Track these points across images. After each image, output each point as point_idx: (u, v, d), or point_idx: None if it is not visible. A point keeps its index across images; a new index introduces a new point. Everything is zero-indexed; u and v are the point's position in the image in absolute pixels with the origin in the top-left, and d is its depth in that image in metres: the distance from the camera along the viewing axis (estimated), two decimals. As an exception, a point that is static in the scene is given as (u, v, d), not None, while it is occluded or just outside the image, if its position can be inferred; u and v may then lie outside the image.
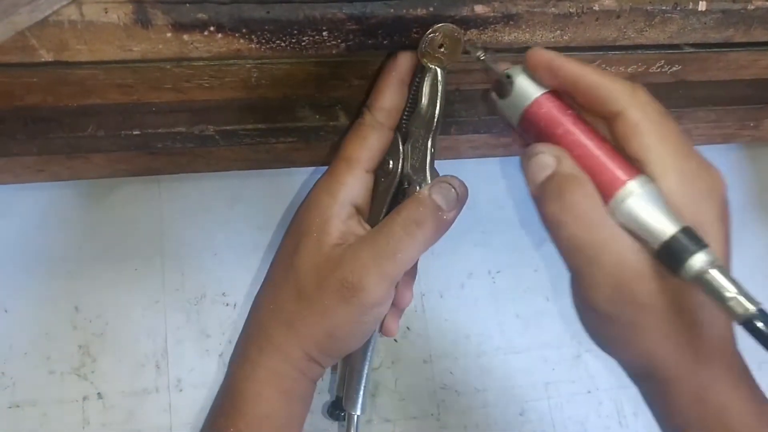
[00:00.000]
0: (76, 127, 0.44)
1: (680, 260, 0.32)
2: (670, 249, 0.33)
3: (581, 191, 0.34)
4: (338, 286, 0.41)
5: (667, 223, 0.33)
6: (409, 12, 0.37)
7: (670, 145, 0.34)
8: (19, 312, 0.54)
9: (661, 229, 0.33)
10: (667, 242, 0.33)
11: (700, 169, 0.35)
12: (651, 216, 0.33)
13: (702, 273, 0.32)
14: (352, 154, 0.43)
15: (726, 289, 0.31)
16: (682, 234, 0.32)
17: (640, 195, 0.33)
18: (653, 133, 0.34)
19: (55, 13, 0.33)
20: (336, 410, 0.54)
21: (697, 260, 0.32)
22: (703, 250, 0.32)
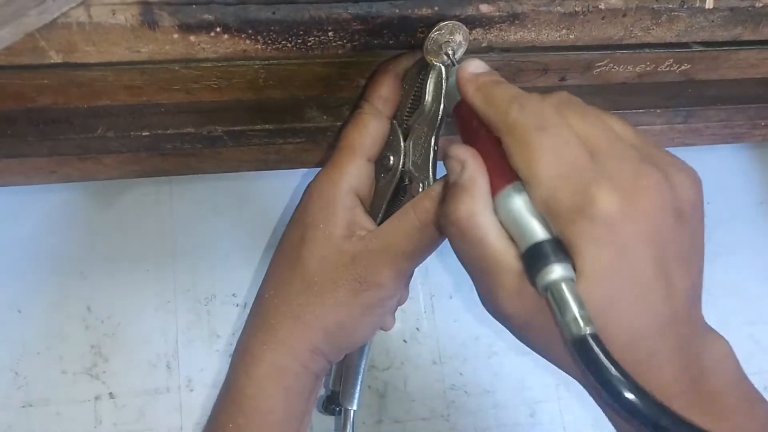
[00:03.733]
0: (86, 129, 0.44)
1: (537, 269, 0.31)
2: (532, 256, 0.32)
3: (466, 202, 0.34)
4: (352, 280, 0.42)
5: (536, 231, 0.32)
6: (414, 12, 0.37)
7: (536, 163, 0.32)
8: (32, 312, 0.55)
9: (527, 235, 0.32)
10: (530, 249, 0.32)
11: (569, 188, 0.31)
12: (523, 221, 0.32)
13: (550, 285, 0.31)
14: (352, 142, 0.44)
15: (569, 306, 0.30)
16: (547, 244, 0.31)
17: (518, 199, 0.33)
18: (520, 154, 0.32)
19: (64, 14, 0.34)
20: (331, 405, 0.54)
21: (552, 272, 0.30)
22: (561, 264, 0.30)
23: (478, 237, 0.33)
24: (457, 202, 0.34)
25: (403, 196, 0.44)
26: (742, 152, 0.71)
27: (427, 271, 0.61)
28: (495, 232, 0.33)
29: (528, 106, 0.33)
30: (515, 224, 0.33)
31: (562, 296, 0.30)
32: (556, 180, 0.31)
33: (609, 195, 0.30)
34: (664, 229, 0.31)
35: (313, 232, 0.43)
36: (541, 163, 0.31)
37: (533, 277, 0.31)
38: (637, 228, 0.30)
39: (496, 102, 0.34)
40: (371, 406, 0.57)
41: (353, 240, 0.42)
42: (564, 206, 0.30)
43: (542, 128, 0.32)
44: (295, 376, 0.44)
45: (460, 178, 0.34)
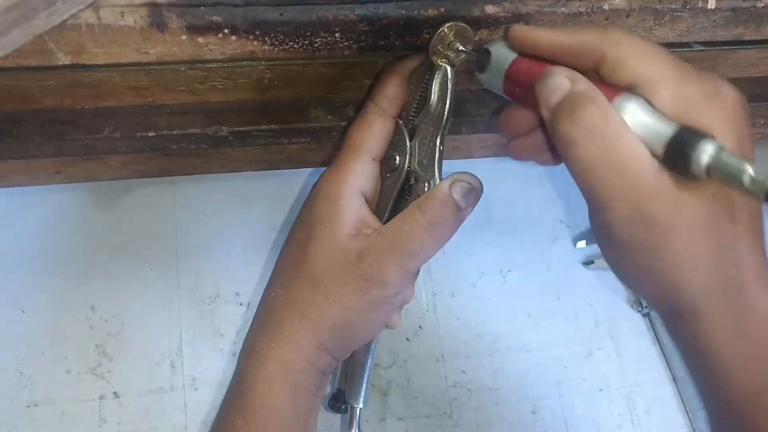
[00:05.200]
0: (92, 129, 0.44)
1: (687, 157, 0.31)
2: (674, 150, 0.32)
3: (595, 108, 0.34)
4: (357, 278, 0.42)
5: (662, 127, 0.33)
6: (420, 13, 0.38)
7: (656, 64, 0.34)
8: (36, 312, 0.55)
9: (658, 135, 0.33)
10: (669, 145, 0.32)
11: (695, 78, 0.34)
12: (644, 126, 0.33)
13: (711, 162, 0.31)
14: (357, 142, 0.44)
15: (740, 169, 0.30)
16: (679, 132, 0.32)
17: (629, 109, 0.33)
18: (636, 59, 0.34)
19: (73, 16, 0.34)
20: (337, 403, 0.54)
21: (703, 151, 0.31)
22: (705, 140, 0.31)
23: (616, 135, 0.33)
24: (587, 107, 0.34)
25: (409, 196, 0.45)
26: (740, 150, 0.71)
27: (430, 269, 0.62)
28: (629, 131, 0.34)
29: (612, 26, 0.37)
30: (646, 123, 0.33)
31: (728, 165, 0.30)
32: (679, 75, 0.34)
33: (729, 86, 0.35)
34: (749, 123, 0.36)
35: (319, 231, 0.44)
36: (664, 63, 0.34)
37: (688, 162, 0.31)
38: (745, 111, 0.35)
39: (586, 29, 0.36)
40: (375, 404, 0.57)
41: (359, 238, 0.43)
42: (696, 95, 0.34)
43: (646, 43, 0.35)
44: (302, 373, 0.44)
45: (576, 88, 0.35)
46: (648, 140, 0.33)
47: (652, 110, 0.33)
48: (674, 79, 0.34)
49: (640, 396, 0.62)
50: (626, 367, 0.63)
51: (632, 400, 0.62)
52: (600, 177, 0.34)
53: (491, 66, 0.39)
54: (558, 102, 0.35)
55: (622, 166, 0.33)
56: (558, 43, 0.36)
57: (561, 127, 0.34)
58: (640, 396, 0.62)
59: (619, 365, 0.63)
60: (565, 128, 0.34)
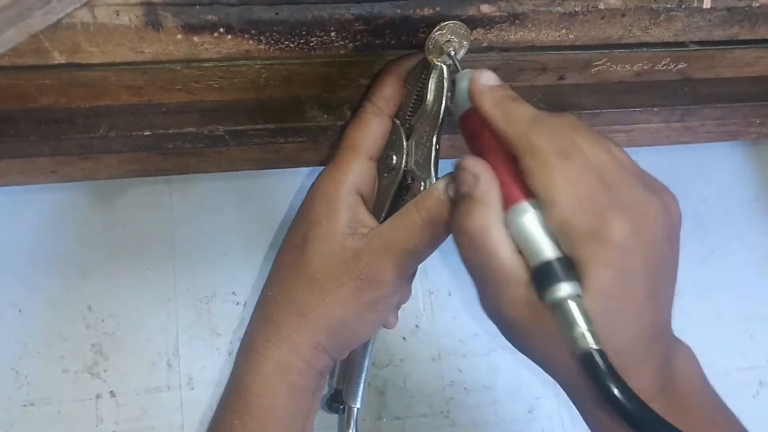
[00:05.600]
0: (88, 128, 0.44)
1: (546, 285, 0.33)
2: (542, 273, 0.33)
3: (479, 217, 0.35)
4: (354, 278, 0.42)
5: (547, 248, 0.33)
6: (416, 12, 0.38)
7: (558, 185, 0.33)
8: (33, 312, 0.55)
9: (539, 252, 0.33)
10: (541, 265, 0.33)
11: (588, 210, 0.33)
12: (535, 238, 0.34)
13: (560, 301, 0.32)
14: (354, 142, 0.44)
15: (576, 322, 0.32)
16: (557, 262, 0.33)
17: (531, 216, 0.34)
18: (540, 174, 0.34)
19: (68, 15, 0.34)
20: (335, 403, 0.54)
21: (561, 289, 0.32)
22: (570, 282, 0.32)
23: (488, 249, 0.34)
24: (470, 214, 0.35)
25: (406, 195, 0.45)
26: (736, 150, 0.72)
27: (426, 269, 0.62)
28: (505, 245, 0.34)
29: (547, 129, 0.35)
30: (526, 240, 0.34)
31: (570, 313, 0.32)
32: (573, 204, 0.33)
33: (622, 221, 0.32)
34: (661, 253, 0.34)
35: (316, 230, 0.44)
36: (561, 188, 0.33)
37: (542, 292, 0.33)
38: (642, 252, 0.33)
39: (516, 121, 0.35)
40: (371, 403, 0.57)
41: (356, 237, 0.43)
42: (579, 228, 0.32)
43: (564, 155, 0.33)
44: (299, 372, 0.44)
45: (473, 191, 0.35)
46: (527, 255, 0.34)
47: (540, 229, 0.34)
48: (567, 205, 0.33)
49: (636, 395, 0.62)
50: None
51: (628, 399, 0.62)
52: (474, 278, 0.36)
53: (456, 95, 0.40)
54: (461, 195, 0.36)
55: (492, 277, 0.35)
56: (491, 124, 0.36)
57: (452, 227, 0.37)
58: (637, 395, 0.62)
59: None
60: (454, 230, 0.37)
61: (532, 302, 0.34)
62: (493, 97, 0.37)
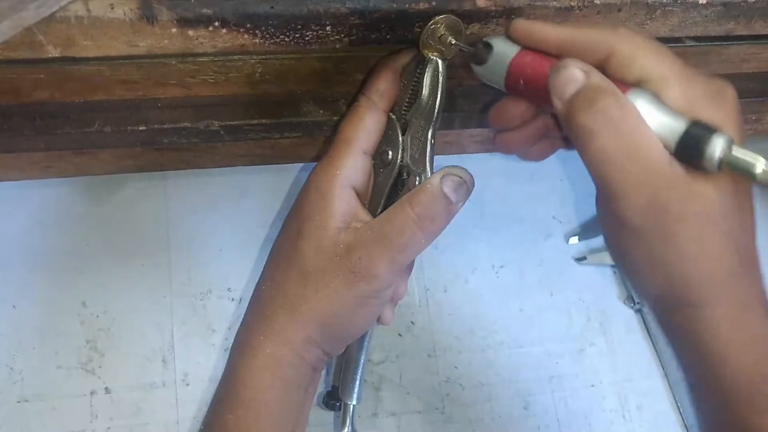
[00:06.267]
0: (82, 123, 0.44)
1: (700, 151, 0.33)
2: (687, 144, 0.34)
3: (613, 99, 0.35)
4: (346, 271, 0.42)
5: (674, 122, 0.34)
6: (411, 6, 0.38)
7: (665, 62, 0.36)
8: (27, 308, 0.55)
9: (671, 129, 0.34)
10: (681, 138, 0.34)
11: (701, 78, 0.36)
12: (657, 120, 0.34)
13: (723, 155, 0.33)
14: (349, 136, 0.44)
15: (752, 162, 0.33)
16: (692, 127, 0.34)
17: (641, 103, 0.35)
18: (647, 56, 0.36)
19: (62, 9, 0.34)
20: (331, 400, 0.54)
21: (715, 144, 0.33)
22: (716, 135, 0.33)
23: (633, 127, 0.34)
24: (604, 98, 0.35)
25: (401, 190, 0.45)
26: (732, 146, 0.72)
27: (422, 265, 0.62)
28: (645, 122, 0.35)
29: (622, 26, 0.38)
30: (660, 115, 0.34)
31: (740, 159, 0.33)
32: (687, 73, 0.36)
33: (728, 86, 0.36)
34: None
35: (310, 224, 0.43)
36: (672, 61, 0.36)
37: (701, 154, 0.33)
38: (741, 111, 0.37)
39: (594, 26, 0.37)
40: (367, 400, 0.57)
41: (349, 232, 0.43)
42: (703, 94, 0.35)
43: (652, 40, 0.36)
44: (292, 367, 0.44)
45: (591, 81, 0.35)
46: (660, 133, 0.34)
47: (662, 105, 0.35)
48: (682, 77, 0.35)
49: (631, 391, 0.62)
50: (618, 362, 0.63)
51: (624, 395, 0.62)
52: (617, 166, 0.35)
53: (492, 59, 0.39)
54: (573, 93, 0.35)
55: (638, 156, 0.34)
56: (565, 38, 0.37)
57: (578, 118, 0.35)
58: (632, 391, 0.62)
59: (611, 361, 0.63)
60: (583, 119, 0.35)
61: (677, 176, 0.34)
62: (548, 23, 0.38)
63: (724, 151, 0.33)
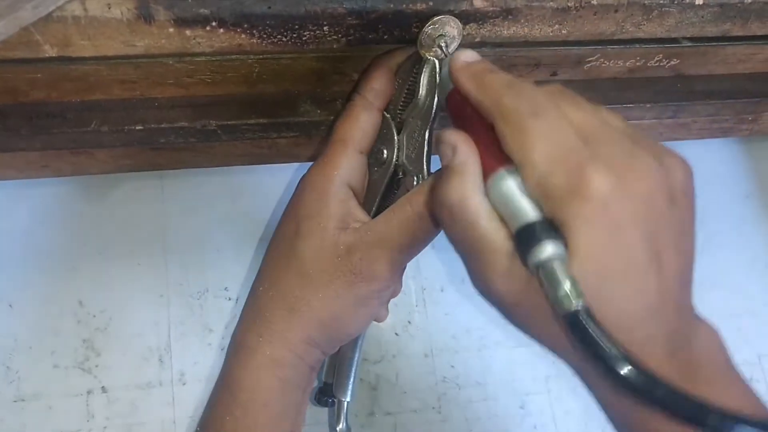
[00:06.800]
0: (79, 123, 0.44)
1: (528, 247, 0.31)
2: (523, 236, 0.32)
3: (457, 187, 0.34)
4: (346, 272, 0.42)
5: (528, 211, 0.32)
6: (409, 7, 0.38)
7: (531, 147, 0.32)
8: (24, 307, 0.54)
9: (519, 215, 0.32)
10: (522, 228, 0.32)
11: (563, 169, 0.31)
12: (514, 203, 0.33)
13: (542, 262, 0.31)
14: (344, 135, 0.44)
15: (560, 282, 0.30)
16: (538, 224, 0.32)
17: (510, 182, 0.33)
18: (514, 139, 0.32)
19: (59, 8, 0.34)
20: (324, 396, 0.54)
21: (543, 249, 0.31)
22: (552, 242, 0.31)
23: (469, 219, 0.34)
24: (449, 186, 0.35)
25: (397, 190, 0.45)
26: (729, 146, 0.72)
27: (419, 264, 0.62)
28: (486, 214, 0.34)
29: (522, 92, 0.34)
30: (507, 206, 0.33)
31: (553, 273, 0.30)
32: (550, 163, 0.31)
33: (603, 175, 0.30)
34: (657, 211, 0.31)
35: (308, 225, 0.43)
36: (535, 147, 0.32)
37: (525, 256, 0.32)
38: (630, 208, 0.30)
39: (490, 88, 0.35)
40: (363, 399, 0.57)
41: (348, 232, 0.43)
42: (558, 188, 0.31)
43: (536, 114, 0.32)
44: (290, 367, 0.44)
45: (451, 162, 0.35)
46: (509, 221, 0.33)
47: (520, 194, 0.33)
48: (542, 164, 0.31)
49: (627, 391, 0.62)
50: (614, 362, 0.63)
51: (620, 395, 0.62)
52: (460, 253, 0.36)
53: (441, 80, 0.40)
54: (441, 169, 0.36)
55: (476, 249, 0.34)
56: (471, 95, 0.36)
57: (433, 201, 0.37)
58: (628, 391, 0.62)
59: (608, 360, 0.63)
60: (435, 205, 0.37)
61: (518, 272, 0.32)
62: (469, 70, 0.36)
63: (542, 261, 0.31)
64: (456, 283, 0.62)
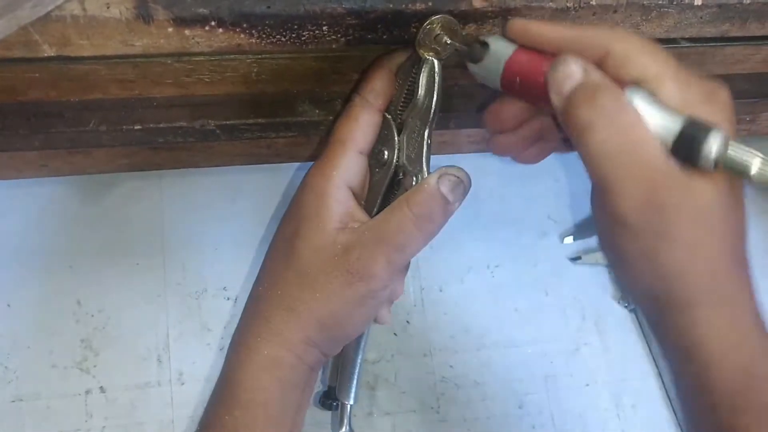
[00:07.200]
0: (78, 122, 0.44)
1: (696, 149, 0.33)
2: (683, 142, 0.34)
3: (611, 96, 0.35)
4: (345, 272, 0.42)
5: (671, 119, 0.34)
6: (408, 6, 0.38)
7: (661, 62, 0.36)
8: (22, 307, 0.55)
9: (668, 127, 0.34)
10: (678, 137, 0.34)
11: (695, 78, 0.36)
12: (654, 118, 0.35)
13: (719, 154, 0.33)
14: (344, 136, 0.44)
15: (748, 160, 0.33)
16: (688, 125, 0.34)
17: (638, 100, 0.35)
18: (643, 55, 0.36)
19: (58, 8, 0.34)
20: (328, 400, 0.54)
21: (711, 143, 0.33)
22: (713, 133, 0.33)
23: (632, 123, 0.35)
24: (603, 94, 0.35)
25: (397, 190, 0.45)
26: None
27: (418, 264, 0.62)
28: (643, 119, 0.35)
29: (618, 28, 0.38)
30: (657, 113, 0.35)
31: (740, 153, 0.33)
32: (682, 73, 0.36)
33: (722, 87, 0.37)
34: None
35: (307, 225, 0.43)
36: (667, 61, 0.36)
37: (698, 150, 0.34)
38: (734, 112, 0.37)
39: (592, 26, 0.38)
40: (362, 399, 0.57)
41: (346, 232, 0.43)
42: (698, 93, 0.36)
43: (651, 44, 0.36)
44: (290, 367, 0.44)
45: (589, 78, 0.36)
46: (656, 131, 0.35)
47: (659, 103, 0.35)
48: (677, 77, 0.36)
49: (626, 391, 0.62)
50: (613, 362, 0.63)
51: (618, 395, 0.62)
52: (614, 162, 0.35)
53: (488, 58, 0.39)
54: (572, 89, 0.36)
55: (635, 152, 0.35)
56: (562, 37, 0.37)
57: (576, 114, 0.35)
58: (627, 391, 0.62)
59: (606, 360, 0.63)
60: (581, 114, 0.35)
61: (673, 172, 0.34)
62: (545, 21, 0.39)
63: (720, 150, 0.33)
64: (455, 284, 0.62)
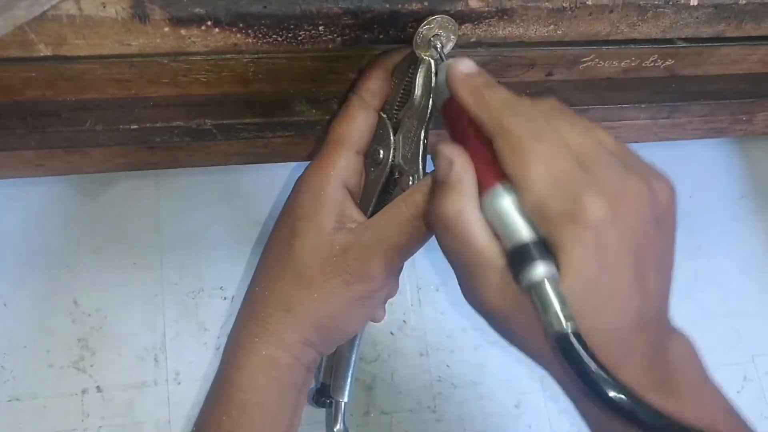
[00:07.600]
0: (74, 122, 0.44)
1: (521, 267, 0.32)
2: (517, 255, 0.33)
3: (452, 202, 0.34)
4: (342, 272, 0.42)
5: (522, 231, 0.33)
6: (404, 6, 0.38)
7: (530, 168, 0.32)
8: (18, 306, 0.54)
9: (513, 234, 0.33)
10: (515, 247, 0.33)
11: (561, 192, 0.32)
12: (509, 221, 0.33)
13: (535, 283, 0.31)
14: (340, 135, 0.44)
15: (551, 303, 0.31)
16: (532, 244, 0.32)
17: (507, 199, 0.33)
18: (512, 157, 0.33)
19: (54, 7, 0.34)
20: (321, 397, 0.54)
21: (535, 270, 0.31)
22: (545, 263, 0.31)
23: (463, 234, 0.34)
24: (444, 200, 0.35)
25: (393, 190, 0.45)
26: (723, 147, 0.72)
27: (414, 264, 0.62)
28: (480, 229, 0.34)
29: (521, 112, 0.34)
30: (502, 223, 0.33)
31: (545, 294, 0.31)
32: (547, 186, 0.32)
33: (597, 202, 0.31)
34: (645, 234, 0.33)
35: (303, 225, 0.43)
36: (533, 170, 0.32)
37: (517, 275, 0.32)
38: (621, 233, 0.32)
39: (489, 105, 0.35)
40: (359, 398, 0.57)
41: (344, 232, 0.43)
42: (553, 211, 0.32)
43: (536, 137, 0.33)
44: (286, 368, 0.44)
45: (447, 176, 0.35)
46: (503, 238, 0.34)
47: (515, 213, 0.33)
48: (540, 187, 0.32)
49: (622, 390, 0.62)
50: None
51: (615, 395, 0.62)
52: (453, 265, 0.36)
53: (437, 87, 0.39)
54: (438, 180, 0.36)
55: (469, 263, 0.35)
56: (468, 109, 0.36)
57: (429, 215, 0.37)
58: (623, 390, 0.62)
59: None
60: (430, 218, 0.37)
61: (510, 288, 0.33)
62: (469, 83, 0.36)
63: (536, 282, 0.31)
64: (451, 283, 0.62)
